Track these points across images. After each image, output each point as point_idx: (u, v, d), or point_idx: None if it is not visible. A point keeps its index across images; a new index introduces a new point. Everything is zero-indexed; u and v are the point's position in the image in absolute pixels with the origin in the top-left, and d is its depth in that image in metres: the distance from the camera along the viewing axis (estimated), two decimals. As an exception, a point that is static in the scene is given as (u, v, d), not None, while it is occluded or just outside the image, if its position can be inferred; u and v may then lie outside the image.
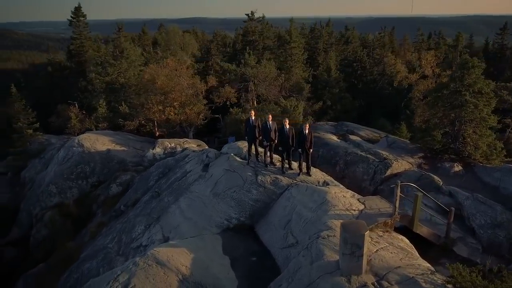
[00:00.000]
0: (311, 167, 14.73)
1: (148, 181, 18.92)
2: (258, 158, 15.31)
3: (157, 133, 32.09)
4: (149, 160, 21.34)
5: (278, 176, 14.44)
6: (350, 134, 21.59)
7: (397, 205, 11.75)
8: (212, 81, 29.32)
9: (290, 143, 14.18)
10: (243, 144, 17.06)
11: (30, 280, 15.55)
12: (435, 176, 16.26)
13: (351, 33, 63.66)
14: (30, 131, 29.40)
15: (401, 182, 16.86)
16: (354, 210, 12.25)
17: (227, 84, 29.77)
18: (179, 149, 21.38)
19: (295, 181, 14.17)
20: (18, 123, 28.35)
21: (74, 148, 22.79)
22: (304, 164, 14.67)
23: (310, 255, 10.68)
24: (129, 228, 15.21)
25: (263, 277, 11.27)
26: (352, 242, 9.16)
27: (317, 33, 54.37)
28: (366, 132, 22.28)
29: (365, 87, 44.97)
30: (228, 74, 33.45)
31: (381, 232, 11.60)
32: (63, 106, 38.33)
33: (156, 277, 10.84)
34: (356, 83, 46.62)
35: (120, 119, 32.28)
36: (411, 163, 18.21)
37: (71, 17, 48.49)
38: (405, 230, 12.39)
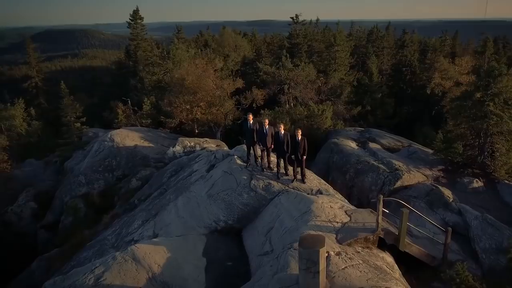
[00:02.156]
0: (305, 174, 14.06)
1: (162, 178, 19.26)
2: (257, 162, 14.92)
3: (197, 132, 32.69)
4: (169, 157, 21.73)
5: (271, 182, 13.96)
6: (371, 142, 20.35)
7: (379, 220, 10.83)
8: (239, 83, 29.20)
9: (285, 149, 13.64)
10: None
11: (43, 262, 16.47)
12: (446, 192, 14.78)
13: (410, 37, 60.39)
14: (78, 124, 31.20)
15: (410, 195, 15.73)
16: (337, 222, 11.49)
17: (254, 86, 29.53)
18: (198, 148, 21.55)
19: (287, 188, 13.62)
20: (66, 117, 30.19)
21: (106, 143, 23.84)
22: (299, 170, 14.05)
23: (277, 266, 10.17)
24: (130, 222, 15.57)
25: (232, 283, 10.95)
26: (306, 258, 8.58)
27: (373, 37, 52.50)
28: (389, 140, 20.87)
29: (414, 93, 42.48)
30: (265, 76, 33.25)
31: (360, 248, 10.76)
32: (115, 102, 40.38)
33: (127, 273, 10.92)
34: (405, 88, 44.22)
35: (162, 117, 33.27)
36: (426, 176, 16.74)
37: (130, 19, 50.92)
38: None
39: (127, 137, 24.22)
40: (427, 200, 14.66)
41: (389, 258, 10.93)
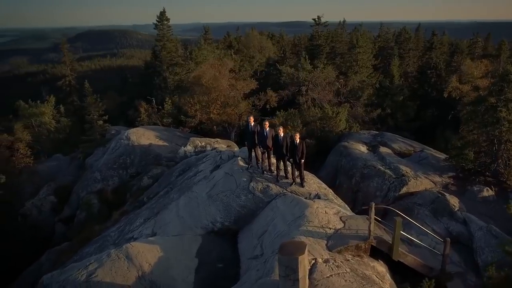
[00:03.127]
0: (305, 178, 13.75)
1: (170, 177, 19.39)
2: (258, 164, 14.74)
3: (216, 132, 32.80)
4: (180, 156, 21.84)
5: (270, 184, 13.76)
6: (382, 146, 19.67)
7: (371, 228, 10.42)
8: (253, 84, 28.99)
9: (284, 152, 13.40)
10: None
11: (52, 255, 16.92)
12: (452, 200, 14.05)
13: (439, 39, 58.40)
14: (100, 122, 31.99)
15: (414, 202, 15.11)
16: (330, 228, 11.15)
17: (269, 88, 29.25)
18: (209, 148, 21.56)
19: (285, 191, 13.37)
20: (89, 115, 31.00)
21: (122, 141, 24.27)
22: (298, 174, 13.76)
23: (263, 270, 9.99)
24: (134, 219, 15.74)
25: (220, 285, 10.86)
26: (286, 265, 8.37)
27: (401, 38, 51.17)
28: (401, 144, 20.10)
29: (439, 96, 40.96)
30: (284, 77, 32.96)
31: (350, 256, 10.39)
32: (139, 101, 41.17)
33: (118, 271, 11.01)
34: (430, 91, 42.74)
35: (182, 116, 33.59)
36: (435, 183, 16.00)
37: (157, 21, 51.72)
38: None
39: (143, 136, 24.57)
40: (431, 208, 14.01)
41: (380, 268, 10.51)
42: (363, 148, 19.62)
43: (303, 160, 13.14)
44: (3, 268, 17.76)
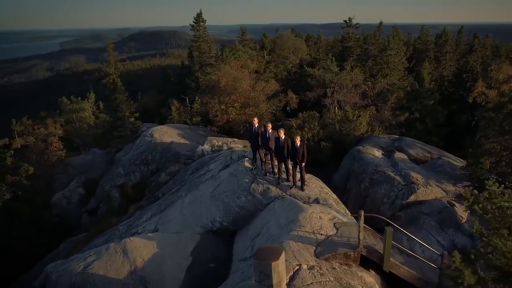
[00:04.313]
0: (305, 181, 13.36)
1: (185, 175, 19.58)
2: (262, 166, 14.53)
3: (241, 131, 32.82)
4: (198, 155, 22.03)
5: (270, 186, 13.52)
6: (399, 151, 18.72)
7: (360, 237, 9.93)
8: (273, 85, 28.62)
9: (285, 154, 13.10)
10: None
11: (69, 244, 17.58)
12: (460, 211, 13.10)
13: (481, 41, 55.22)
14: (132, 119, 32.90)
15: (421, 212, 14.30)
16: (321, 234, 10.77)
17: (289, 90, 28.74)
18: (225, 148, 21.58)
19: (284, 194, 13.08)
20: (121, 112, 31.95)
21: (146, 138, 24.84)
22: (299, 177, 13.41)
23: (247, 273, 9.81)
24: (142, 214, 16.01)
25: (207, 285, 10.78)
26: (259, 270, 8.20)
27: (441, 40, 48.96)
28: (418, 150, 19.03)
29: (474, 101, 38.68)
30: (310, 79, 32.39)
31: (337, 264, 9.97)
32: (171, 100, 42.06)
33: (113, 265, 11.22)
34: (465, 95, 40.47)
35: (210, 115, 33.91)
36: (447, 192, 14.99)
37: (193, 22, 52.55)
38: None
39: (166, 134, 25.00)
40: (438, 219, 13.14)
41: (369, 278, 9.98)
42: (377, 153, 18.81)
43: (303, 163, 12.78)
44: (28, 253, 18.69)
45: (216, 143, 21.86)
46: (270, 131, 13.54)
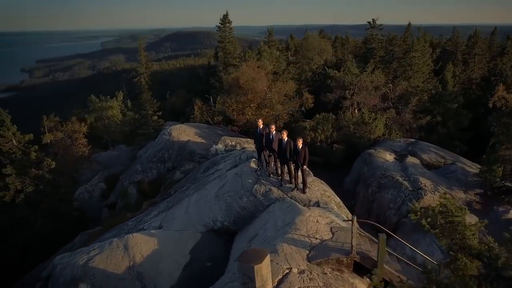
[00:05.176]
0: (307, 184, 13.11)
1: (197, 173, 19.70)
2: (266, 167, 14.39)
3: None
4: (212, 154, 22.09)
5: (272, 188, 13.36)
6: (412, 156, 18.00)
7: (353, 243, 9.63)
8: (289, 86, 28.24)
9: (288, 156, 12.91)
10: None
11: (84, 237, 18.07)
12: (467, 220, 12.39)
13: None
14: (155, 117, 33.58)
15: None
16: (316, 238, 10.53)
17: (305, 90, 28.29)
18: (238, 147, 21.53)
19: (285, 196, 12.89)
20: (145, 110, 32.68)
21: (164, 136, 25.19)
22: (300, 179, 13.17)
23: (237, 274, 9.70)
24: (151, 211, 16.22)
25: (202, 284, 10.75)
26: (243, 272, 8.12)
27: (471, 42, 47.04)
28: (432, 155, 18.20)
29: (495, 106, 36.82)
30: (329, 80, 31.89)
31: (329, 270, 9.71)
32: (195, 99, 42.52)
33: (113, 259, 11.42)
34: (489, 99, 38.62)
35: (227, 114, 33.99)
36: (457, 199, 14.30)
37: (220, 23, 52.92)
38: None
39: (183, 132, 25.26)
40: (443, 227, 12.53)
41: (361, 285, 9.67)
42: (389, 157, 18.19)
43: (305, 166, 12.55)
44: (48, 244, 19.37)
45: (230, 142, 21.87)
46: (274, 133, 13.38)
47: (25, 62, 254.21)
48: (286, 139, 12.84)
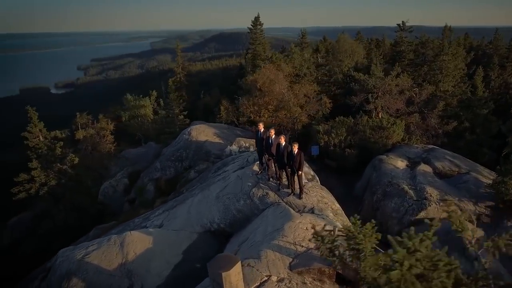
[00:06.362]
0: (303, 189, 12.71)
1: (209, 173, 19.74)
2: (267, 171, 14.13)
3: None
4: (226, 154, 22.06)
5: (269, 192, 13.10)
6: (425, 163, 16.95)
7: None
8: (305, 88, 27.54)
9: (285, 161, 12.60)
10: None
11: (98, 231, 18.60)
12: (467, 234, 11.48)
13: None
14: (181, 116, 34.11)
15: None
16: (302, 246, 10.19)
17: (324, 94, 27.49)
18: (251, 149, 21.33)
19: (280, 201, 12.58)
20: (172, 110, 33.26)
21: (184, 135, 25.50)
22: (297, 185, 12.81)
23: (218, 279, 9.56)
24: (158, 209, 16.41)
25: (188, 284, 10.71)
26: (212, 278, 7.98)
27: (510, 46, 44.27)
28: (446, 163, 16.99)
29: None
30: (353, 83, 30.96)
31: (310, 279, 9.35)
32: (222, 99, 42.80)
33: (107, 256, 11.63)
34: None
35: (246, 115, 33.80)
36: (465, 211, 13.27)
37: (251, 25, 52.93)
38: None
39: (202, 132, 25.44)
40: (443, 241, 11.69)
41: (343, 298, 9.24)
42: (400, 164, 17.28)
43: (300, 171, 12.19)
44: (67, 236, 20.15)
45: (244, 144, 21.75)
46: (273, 137, 13.11)
47: (81, 60, 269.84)
48: (283, 144, 12.54)
